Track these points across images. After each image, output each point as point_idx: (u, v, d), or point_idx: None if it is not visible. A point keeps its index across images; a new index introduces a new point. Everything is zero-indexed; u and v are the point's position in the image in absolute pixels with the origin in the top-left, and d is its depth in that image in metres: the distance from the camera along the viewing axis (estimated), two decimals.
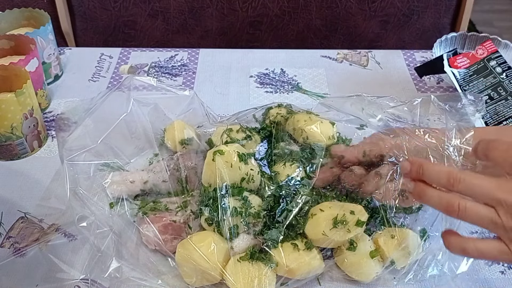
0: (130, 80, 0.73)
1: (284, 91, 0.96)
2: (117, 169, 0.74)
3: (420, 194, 0.53)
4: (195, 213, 0.65)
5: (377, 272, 0.62)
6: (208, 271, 0.59)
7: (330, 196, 0.67)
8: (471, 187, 0.50)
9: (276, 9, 1.17)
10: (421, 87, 0.98)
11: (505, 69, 0.87)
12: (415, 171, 0.53)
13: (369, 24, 1.20)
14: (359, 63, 1.04)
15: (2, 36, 0.89)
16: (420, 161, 0.54)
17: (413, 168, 0.54)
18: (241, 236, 0.62)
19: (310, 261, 0.60)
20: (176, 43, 1.22)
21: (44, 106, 0.91)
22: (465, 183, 0.50)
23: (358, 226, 0.61)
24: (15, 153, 0.80)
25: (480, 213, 0.49)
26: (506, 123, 0.84)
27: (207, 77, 1.00)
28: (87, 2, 1.16)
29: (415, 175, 0.54)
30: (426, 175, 0.53)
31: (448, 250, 0.53)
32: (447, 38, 0.98)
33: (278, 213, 0.63)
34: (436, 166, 0.53)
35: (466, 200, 0.50)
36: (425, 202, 0.53)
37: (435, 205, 0.52)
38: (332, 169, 0.70)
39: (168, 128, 0.78)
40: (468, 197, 0.50)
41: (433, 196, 0.52)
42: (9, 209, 0.72)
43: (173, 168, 0.71)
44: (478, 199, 0.50)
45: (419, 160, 0.54)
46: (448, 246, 0.53)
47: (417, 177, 0.53)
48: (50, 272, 0.64)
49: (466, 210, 0.49)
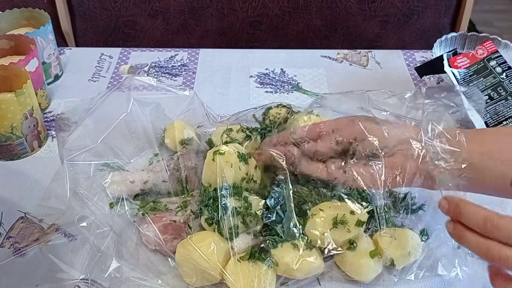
0: (130, 80, 0.73)
1: (284, 91, 0.96)
2: (117, 169, 0.74)
3: (459, 236, 0.52)
4: (195, 213, 0.65)
5: (377, 272, 0.62)
6: (208, 271, 0.59)
7: (330, 196, 0.67)
8: (509, 235, 0.49)
9: (276, 9, 1.17)
10: (421, 87, 0.98)
11: (505, 69, 0.87)
12: (452, 211, 0.53)
13: (369, 24, 1.20)
14: (359, 63, 1.04)
15: (2, 36, 0.89)
16: (456, 200, 0.53)
17: (450, 208, 0.53)
18: (241, 236, 0.62)
19: (310, 261, 0.60)
20: (176, 43, 1.22)
21: (44, 106, 0.91)
22: (502, 230, 0.49)
23: (358, 226, 0.61)
24: (15, 153, 0.80)
25: None
26: (506, 123, 0.84)
27: (207, 77, 1.00)
28: (87, 2, 1.16)
29: (453, 215, 0.53)
30: (463, 217, 0.52)
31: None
32: (447, 38, 0.98)
33: (279, 213, 0.63)
34: (472, 208, 0.52)
35: (506, 248, 0.49)
36: (465, 246, 0.53)
37: (474, 250, 0.51)
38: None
39: (168, 128, 0.78)
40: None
41: (472, 240, 0.51)
42: (9, 209, 0.72)
43: (173, 168, 0.71)
44: None
45: (455, 200, 0.53)
46: (493, 284, 0.52)
47: (455, 217, 0.53)
48: (50, 272, 0.64)
49: (507, 259, 0.49)
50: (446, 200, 0.54)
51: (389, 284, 0.63)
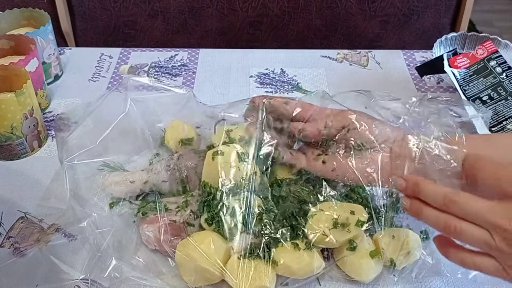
0: (127, 81, 0.73)
1: (284, 91, 0.96)
2: (117, 169, 0.74)
3: (418, 212, 0.55)
4: (195, 213, 0.65)
5: (377, 272, 0.62)
6: (209, 270, 0.59)
7: (329, 196, 0.67)
8: (465, 210, 0.51)
9: (276, 9, 1.17)
10: (421, 87, 0.98)
11: (505, 69, 0.87)
12: (410, 189, 0.56)
13: (369, 24, 1.20)
14: (359, 63, 1.04)
15: (2, 36, 0.89)
16: (415, 179, 0.56)
17: (408, 185, 0.56)
18: (241, 236, 0.62)
19: (310, 261, 0.60)
20: (176, 43, 1.22)
21: (44, 106, 0.91)
22: (459, 205, 0.52)
23: (358, 226, 0.61)
24: (15, 153, 0.80)
25: (475, 235, 0.51)
26: (506, 123, 0.85)
27: (207, 77, 1.00)
28: (87, 2, 1.16)
29: (411, 193, 0.56)
30: (422, 194, 0.55)
31: (445, 257, 0.55)
32: (447, 38, 0.98)
33: (278, 213, 0.63)
34: (432, 186, 0.55)
35: (462, 222, 0.52)
36: (422, 220, 0.56)
37: (432, 224, 0.54)
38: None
39: (168, 128, 0.78)
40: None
41: (430, 216, 0.54)
42: (9, 209, 0.72)
43: (173, 168, 0.71)
44: (472, 221, 0.51)
45: (414, 178, 0.56)
46: (445, 255, 0.55)
47: (413, 194, 0.56)
48: (50, 272, 0.64)
49: (462, 232, 0.51)
50: (403, 179, 0.57)
51: (389, 284, 0.63)
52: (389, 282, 0.64)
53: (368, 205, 0.65)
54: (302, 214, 0.63)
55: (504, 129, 0.85)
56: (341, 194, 0.68)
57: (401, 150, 0.64)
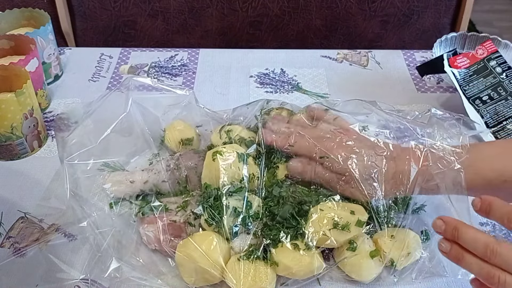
0: (129, 81, 0.73)
1: (284, 91, 0.96)
2: (117, 169, 0.74)
3: (459, 258, 0.53)
4: (195, 213, 0.65)
5: (377, 272, 0.62)
6: (209, 270, 0.59)
7: (329, 196, 0.67)
8: (508, 262, 0.50)
9: (276, 9, 1.17)
10: (421, 87, 0.98)
11: (505, 69, 0.87)
12: (450, 233, 0.53)
13: (369, 24, 1.20)
14: (359, 63, 1.04)
15: (2, 36, 0.89)
16: (455, 223, 0.53)
17: (447, 229, 0.53)
18: (241, 236, 0.62)
19: (310, 261, 0.60)
20: (176, 43, 1.22)
21: (44, 106, 0.91)
22: (502, 258, 0.50)
23: (358, 226, 0.61)
24: (15, 153, 0.80)
25: None
26: (506, 123, 0.85)
27: (207, 77, 1.00)
28: (87, 2, 1.16)
29: (450, 237, 0.53)
30: (461, 240, 0.52)
31: None
32: (447, 38, 0.98)
33: (278, 214, 0.63)
34: (472, 232, 0.52)
35: (506, 274, 0.50)
36: (463, 267, 0.53)
37: (474, 273, 0.52)
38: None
39: (168, 128, 0.78)
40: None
41: (472, 264, 0.52)
42: (9, 209, 0.72)
43: (173, 168, 0.71)
44: None
45: (454, 222, 0.54)
46: None
47: (452, 238, 0.53)
48: (50, 272, 0.64)
49: (506, 285, 0.50)
50: (442, 221, 0.54)
51: (389, 285, 0.64)
52: (389, 283, 0.64)
53: (368, 205, 0.65)
54: (302, 215, 0.63)
55: (504, 129, 0.85)
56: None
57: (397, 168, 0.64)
